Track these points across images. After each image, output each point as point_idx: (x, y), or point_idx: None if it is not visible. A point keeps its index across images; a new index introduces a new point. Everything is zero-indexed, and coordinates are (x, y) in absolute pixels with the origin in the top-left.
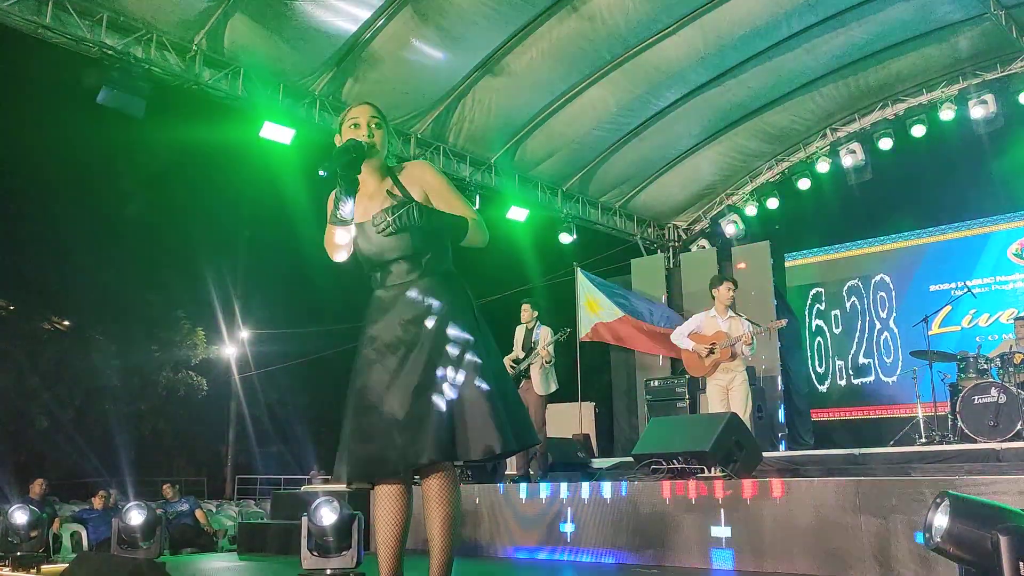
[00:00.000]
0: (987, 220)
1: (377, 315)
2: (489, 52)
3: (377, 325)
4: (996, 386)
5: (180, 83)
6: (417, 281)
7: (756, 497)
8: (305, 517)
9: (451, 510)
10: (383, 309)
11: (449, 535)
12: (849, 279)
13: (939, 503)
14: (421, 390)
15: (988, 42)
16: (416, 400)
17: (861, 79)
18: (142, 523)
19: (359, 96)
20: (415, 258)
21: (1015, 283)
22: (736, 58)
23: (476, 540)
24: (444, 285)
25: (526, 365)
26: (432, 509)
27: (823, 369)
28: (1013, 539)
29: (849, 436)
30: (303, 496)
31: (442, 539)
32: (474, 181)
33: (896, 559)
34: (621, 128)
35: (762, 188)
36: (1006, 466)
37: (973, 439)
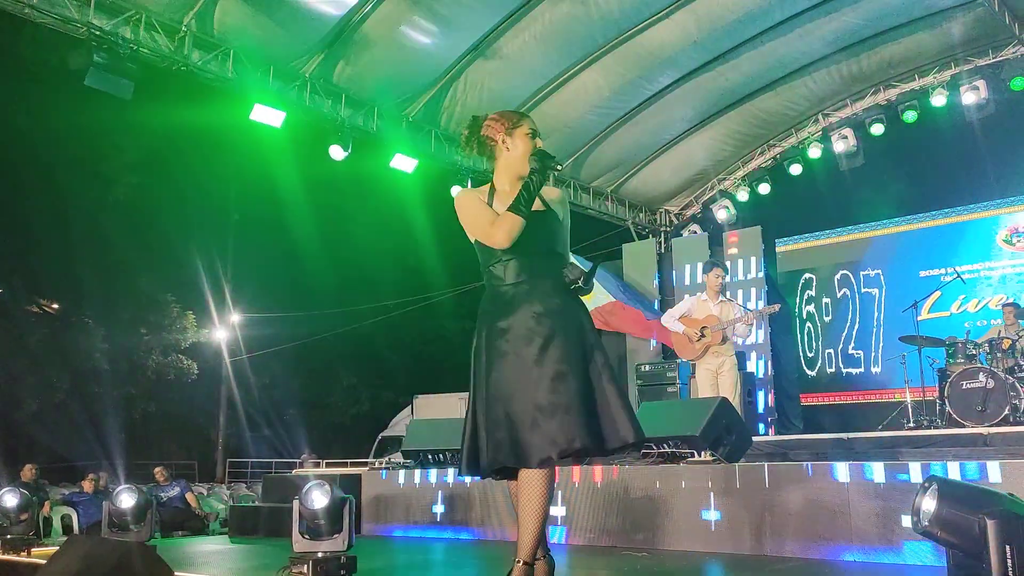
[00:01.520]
0: (977, 206)
1: (507, 308)
2: (481, 35)
3: (508, 318)
4: (984, 371)
5: (169, 65)
6: (549, 277)
7: (746, 481)
8: (296, 500)
9: (550, 493)
10: (514, 302)
11: (544, 517)
12: (840, 265)
13: (927, 487)
14: (562, 380)
15: (980, 28)
16: (560, 389)
17: (854, 64)
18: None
19: (351, 79)
20: (560, 256)
21: (1004, 269)
22: (729, 43)
23: (468, 522)
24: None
25: None
26: (532, 492)
27: (813, 354)
28: (1000, 523)
29: (838, 421)
30: (294, 479)
31: (537, 520)
32: (465, 165)
33: (885, 543)
34: (613, 113)
35: (754, 173)
36: (993, 451)
37: (961, 424)
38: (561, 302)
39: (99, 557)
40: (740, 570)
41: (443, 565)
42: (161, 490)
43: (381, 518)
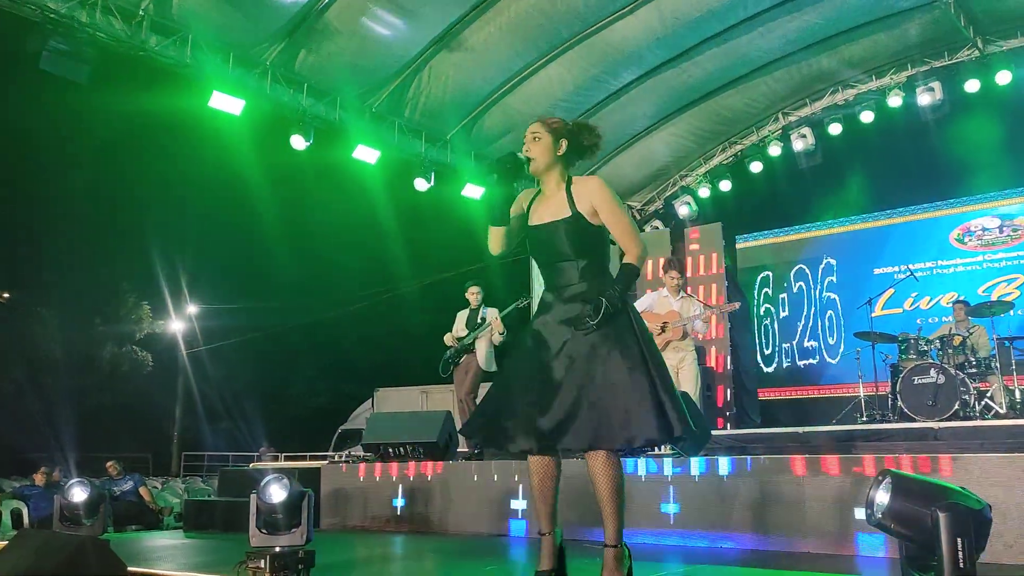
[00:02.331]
0: (931, 206)
1: (543, 311)
2: (446, 26)
3: (541, 318)
4: (935, 367)
5: (126, 49)
6: (577, 284)
7: (704, 474)
8: (254, 494)
9: (621, 482)
10: (546, 308)
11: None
12: (797, 263)
13: (881, 480)
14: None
15: (937, 30)
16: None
17: (813, 64)
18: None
19: (313, 68)
20: (559, 268)
21: (956, 267)
22: (692, 39)
23: (428, 516)
24: (599, 290)
25: (472, 339)
26: (602, 482)
27: (770, 351)
28: (951, 516)
29: (794, 415)
30: (252, 473)
31: (614, 506)
32: (429, 157)
33: (839, 535)
34: (577, 107)
35: (715, 170)
36: (944, 445)
37: (912, 418)
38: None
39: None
40: (698, 562)
41: (402, 559)
42: (114, 484)
43: (341, 512)
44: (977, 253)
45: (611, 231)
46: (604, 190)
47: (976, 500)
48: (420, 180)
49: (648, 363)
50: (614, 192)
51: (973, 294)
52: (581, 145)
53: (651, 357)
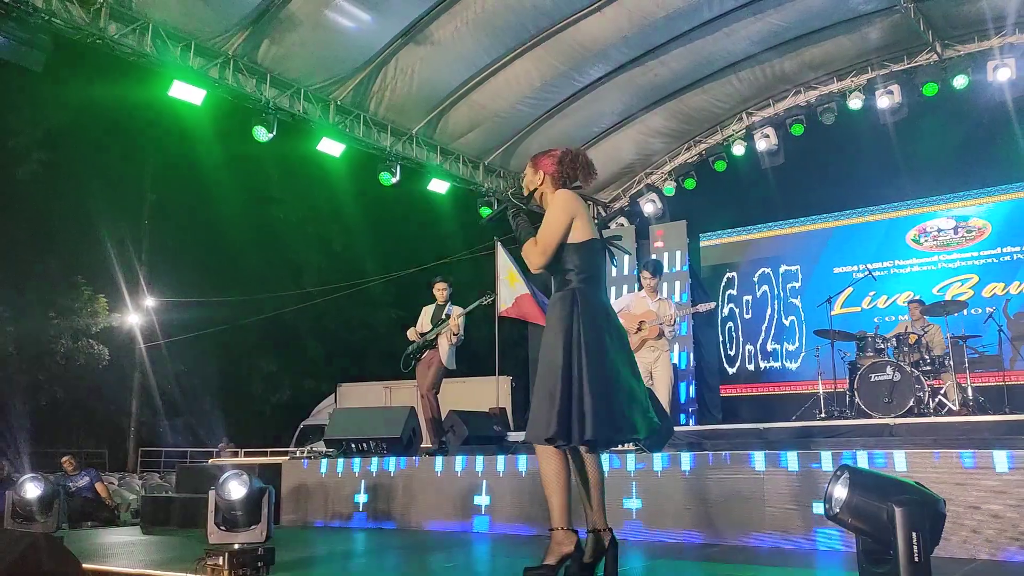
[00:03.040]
0: (889, 207)
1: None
2: (412, 20)
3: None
4: (892, 365)
5: (83, 37)
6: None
7: (667, 470)
8: (213, 491)
9: (545, 474)
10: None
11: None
12: (760, 262)
13: (839, 476)
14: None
15: (896, 34)
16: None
17: (776, 65)
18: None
19: (276, 59)
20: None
21: (912, 267)
22: (659, 38)
23: (391, 512)
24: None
25: (434, 335)
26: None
27: (734, 352)
28: (907, 510)
29: (755, 411)
30: (211, 469)
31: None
32: (395, 152)
33: (797, 528)
34: (544, 104)
35: (680, 168)
36: (899, 440)
37: (869, 415)
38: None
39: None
40: (660, 556)
41: (364, 556)
42: (69, 480)
43: (302, 508)
44: (933, 254)
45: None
46: (551, 206)
47: (931, 495)
48: (385, 174)
49: (554, 370)
50: (561, 205)
51: (928, 294)
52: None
53: (590, 361)
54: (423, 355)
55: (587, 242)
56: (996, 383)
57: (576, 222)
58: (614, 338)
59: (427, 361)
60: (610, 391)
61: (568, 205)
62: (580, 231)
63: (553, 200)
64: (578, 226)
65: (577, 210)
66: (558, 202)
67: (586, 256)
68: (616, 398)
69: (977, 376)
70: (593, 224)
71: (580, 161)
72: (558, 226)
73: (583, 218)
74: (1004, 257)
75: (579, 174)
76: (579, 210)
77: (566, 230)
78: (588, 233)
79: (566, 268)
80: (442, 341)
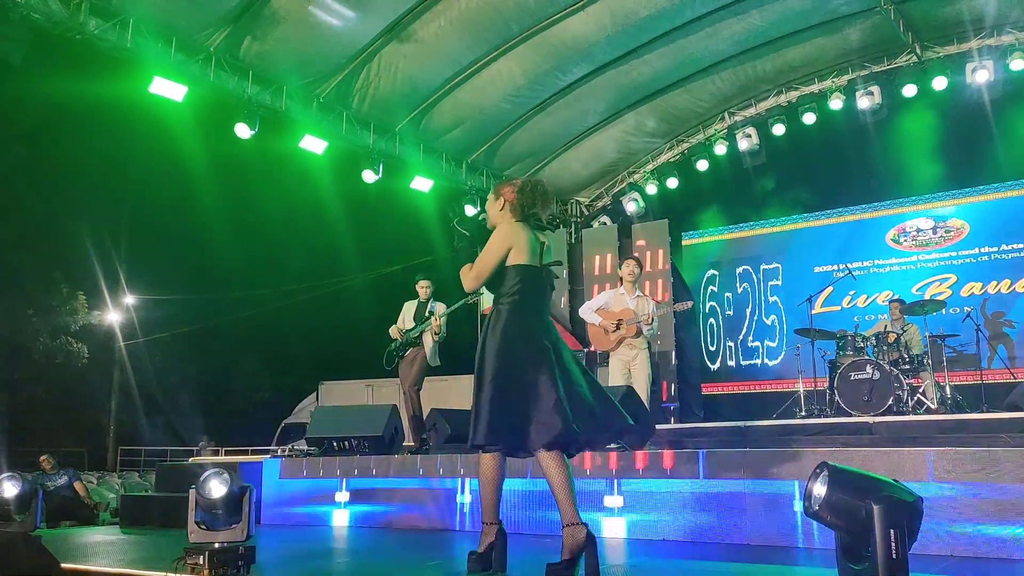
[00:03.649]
0: (869, 207)
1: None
2: (396, 17)
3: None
4: (871, 363)
5: (63, 31)
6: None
7: (648, 467)
8: (193, 489)
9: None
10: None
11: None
12: (741, 260)
13: (819, 473)
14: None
15: (877, 35)
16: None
17: (758, 65)
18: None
19: (258, 55)
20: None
21: (891, 267)
22: (641, 38)
23: (372, 511)
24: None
25: (417, 333)
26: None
27: (715, 348)
28: (885, 508)
29: (736, 409)
30: (191, 468)
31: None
32: (378, 149)
33: (778, 526)
34: (527, 102)
35: (662, 167)
36: (878, 438)
37: (848, 413)
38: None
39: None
40: (642, 554)
41: (345, 554)
42: (48, 479)
43: (283, 507)
44: (912, 253)
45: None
46: (496, 232)
47: (908, 493)
48: (368, 172)
49: (487, 378)
50: (501, 237)
51: (908, 293)
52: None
53: (496, 373)
54: (406, 353)
55: (520, 266)
56: (974, 382)
57: (513, 251)
58: (533, 354)
59: (410, 359)
60: (509, 402)
61: (506, 239)
62: (516, 257)
63: (496, 231)
64: (515, 253)
65: (516, 241)
66: (498, 234)
67: (518, 280)
68: (515, 408)
69: (955, 375)
70: (535, 251)
71: (539, 191)
72: (493, 256)
73: (521, 246)
74: (982, 257)
75: (537, 202)
76: (519, 241)
77: (501, 260)
78: (524, 259)
79: (500, 290)
80: (426, 339)
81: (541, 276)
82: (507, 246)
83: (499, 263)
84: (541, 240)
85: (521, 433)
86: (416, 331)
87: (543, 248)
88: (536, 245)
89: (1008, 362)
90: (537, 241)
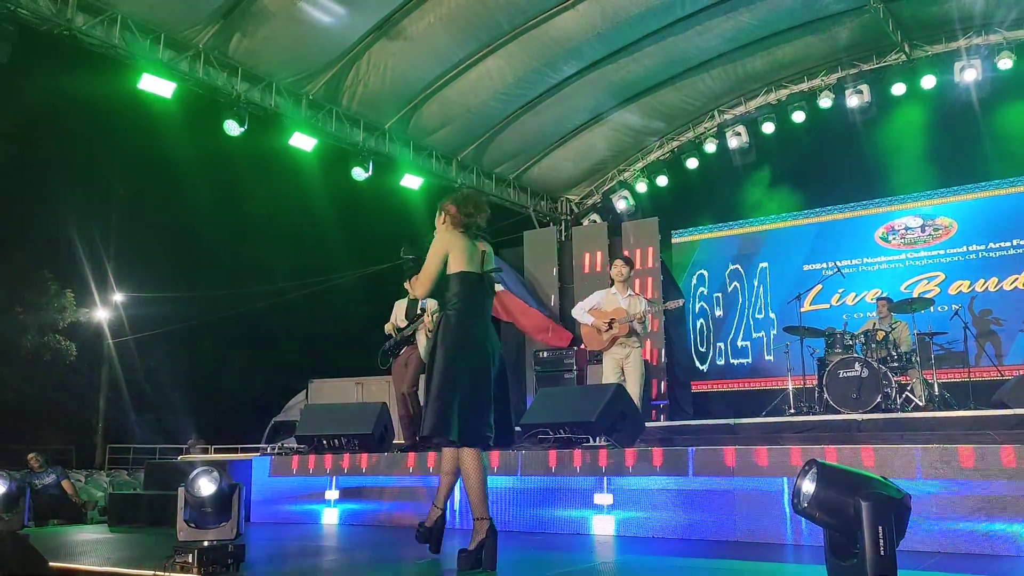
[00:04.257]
0: (858, 205)
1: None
2: (385, 14)
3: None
4: (860, 361)
5: (50, 28)
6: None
7: (637, 465)
8: (182, 487)
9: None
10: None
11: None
12: (731, 259)
13: (807, 470)
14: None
15: (866, 34)
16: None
17: (748, 64)
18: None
19: (247, 52)
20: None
21: (880, 265)
22: (632, 35)
23: (362, 509)
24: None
25: (411, 331)
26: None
27: (704, 348)
28: (873, 505)
29: (726, 407)
30: (180, 466)
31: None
32: (367, 147)
33: (767, 523)
34: (517, 100)
35: (652, 165)
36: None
37: (837, 410)
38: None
39: None
40: (631, 551)
41: (335, 552)
42: (35, 477)
43: (273, 505)
44: (900, 251)
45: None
46: (434, 238)
47: (896, 490)
48: (358, 169)
49: (436, 379)
50: (436, 243)
51: (896, 291)
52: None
53: (443, 375)
54: (400, 351)
55: (460, 273)
56: (961, 379)
57: (452, 258)
58: (471, 357)
59: (404, 358)
60: (449, 399)
61: (442, 244)
62: (455, 264)
63: (433, 240)
64: (454, 261)
65: (452, 247)
66: (434, 242)
67: (459, 286)
68: (455, 406)
69: (943, 372)
70: (474, 257)
71: (471, 198)
72: (431, 265)
73: (457, 253)
74: (970, 255)
75: (471, 207)
76: (454, 247)
77: (441, 264)
78: (463, 266)
79: (445, 297)
80: (420, 337)
81: (482, 282)
82: (444, 250)
83: (440, 267)
84: (480, 248)
85: (457, 428)
86: (410, 329)
87: (483, 255)
88: (474, 251)
89: (995, 359)
90: (475, 248)
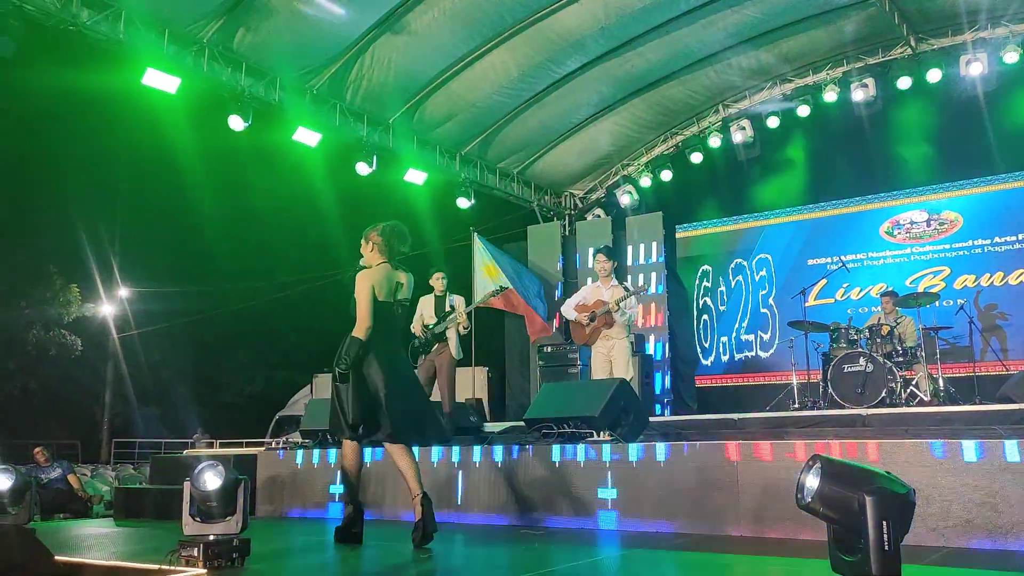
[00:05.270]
0: (863, 199)
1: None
2: (390, 8)
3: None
4: (864, 356)
5: (55, 23)
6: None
7: (641, 460)
8: (187, 482)
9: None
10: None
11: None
12: (734, 253)
13: (811, 465)
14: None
15: (872, 27)
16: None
17: (752, 57)
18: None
19: (252, 47)
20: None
21: (885, 259)
22: (636, 29)
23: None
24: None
25: (442, 329)
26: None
27: (708, 343)
28: (877, 500)
29: (730, 401)
30: (185, 460)
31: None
32: (371, 141)
33: (770, 517)
34: (521, 94)
35: (656, 160)
36: (871, 431)
37: (842, 405)
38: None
39: None
40: (635, 545)
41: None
42: (41, 471)
43: (277, 499)
44: (905, 246)
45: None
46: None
47: (901, 484)
48: (362, 164)
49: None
50: (360, 283)
51: (901, 285)
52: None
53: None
54: (432, 348)
55: (380, 303)
56: (967, 374)
57: (375, 290)
58: (386, 371)
59: (434, 356)
60: (373, 405)
61: (366, 281)
62: (377, 295)
63: (356, 286)
64: (376, 292)
65: (375, 281)
66: (357, 282)
67: (378, 315)
68: (366, 408)
69: (948, 367)
70: (389, 290)
71: (396, 231)
72: (362, 307)
73: (379, 287)
74: (975, 249)
75: (395, 240)
76: (376, 281)
77: (371, 299)
78: (380, 296)
79: (372, 323)
80: (451, 333)
81: (393, 311)
82: (368, 286)
83: (372, 304)
84: (398, 280)
85: (375, 429)
86: (440, 327)
87: (398, 286)
88: (390, 284)
89: (1001, 354)
90: (393, 278)
